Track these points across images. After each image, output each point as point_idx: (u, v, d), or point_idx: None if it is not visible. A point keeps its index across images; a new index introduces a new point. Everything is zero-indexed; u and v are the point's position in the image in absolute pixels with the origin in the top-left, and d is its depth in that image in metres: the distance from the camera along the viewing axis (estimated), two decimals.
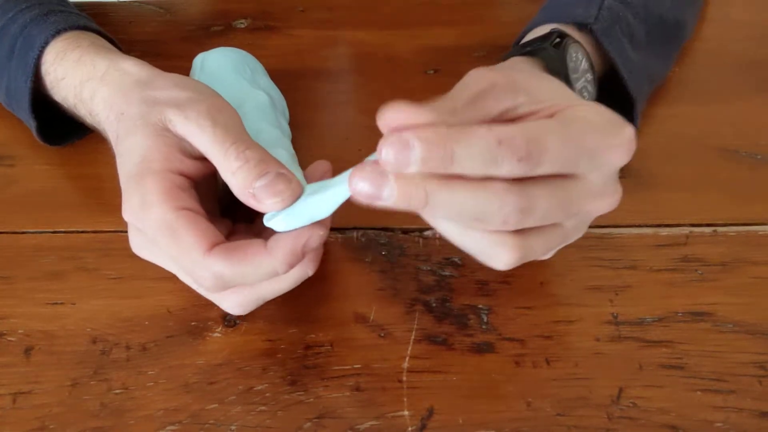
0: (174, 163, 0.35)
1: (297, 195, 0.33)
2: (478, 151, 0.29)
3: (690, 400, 0.35)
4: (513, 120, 0.32)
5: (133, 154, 0.35)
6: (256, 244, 0.33)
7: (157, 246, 0.35)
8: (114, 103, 0.39)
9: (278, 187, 0.33)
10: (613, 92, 0.44)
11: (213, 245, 0.33)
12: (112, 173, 0.45)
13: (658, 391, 0.36)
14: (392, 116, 0.29)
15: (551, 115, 0.32)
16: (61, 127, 0.46)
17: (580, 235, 0.35)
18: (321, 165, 0.38)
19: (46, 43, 0.43)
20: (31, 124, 0.45)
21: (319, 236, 0.33)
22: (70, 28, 0.44)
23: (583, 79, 0.42)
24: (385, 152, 0.28)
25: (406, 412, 0.35)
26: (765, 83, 0.51)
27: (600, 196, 0.33)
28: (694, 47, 0.54)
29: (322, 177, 0.37)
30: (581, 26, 0.44)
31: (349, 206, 0.41)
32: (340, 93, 0.52)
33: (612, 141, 0.32)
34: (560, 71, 0.41)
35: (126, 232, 0.38)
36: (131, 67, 0.40)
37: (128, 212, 0.35)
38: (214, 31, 0.56)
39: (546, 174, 0.30)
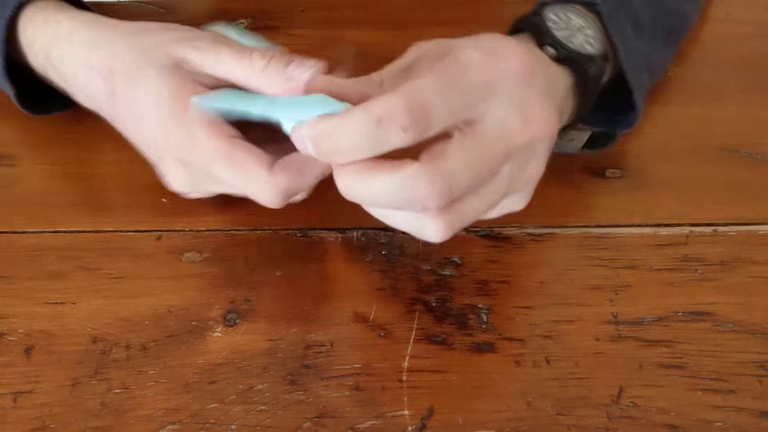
0: (199, 91, 0.36)
1: (322, 68, 0.35)
2: (361, 135, 0.30)
3: (690, 399, 0.35)
4: None
5: (158, 96, 0.35)
6: (302, 155, 0.34)
7: (211, 176, 0.36)
8: (91, 59, 0.38)
9: (309, 63, 0.35)
10: (615, 79, 0.43)
11: (271, 164, 0.35)
12: (113, 173, 0.46)
13: (658, 390, 0.36)
14: (317, 86, 0.33)
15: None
16: (44, 95, 0.46)
17: (526, 174, 0.34)
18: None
19: (19, 7, 0.42)
20: (8, 89, 0.44)
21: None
22: None
23: (580, 35, 0.40)
24: (296, 144, 0.32)
25: (406, 412, 0.35)
26: (765, 83, 0.51)
27: (521, 127, 0.32)
28: (694, 47, 0.54)
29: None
30: (589, 6, 0.43)
31: (349, 206, 0.41)
32: None
33: (498, 66, 0.32)
34: (543, 34, 0.40)
35: (127, 231, 0.38)
36: (97, 22, 0.40)
37: (174, 148, 0.36)
38: None
39: (447, 127, 0.31)
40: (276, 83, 0.35)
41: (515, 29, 0.42)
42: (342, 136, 0.30)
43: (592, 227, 0.43)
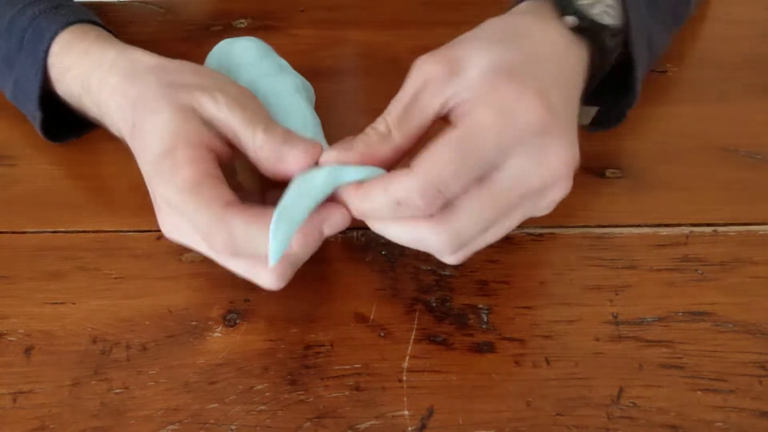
0: (203, 137, 0.36)
1: (318, 153, 0.35)
2: (383, 211, 0.33)
3: (690, 399, 0.35)
4: (448, 113, 0.35)
5: (162, 132, 0.36)
6: (267, 208, 0.34)
7: (185, 218, 0.35)
8: (127, 90, 0.39)
9: (302, 145, 0.35)
10: (618, 59, 0.42)
11: (232, 203, 0.34)
12: (113, 173, 0.46)
13: (658, 390, 0.36)
14: (324, 158, 0.35)
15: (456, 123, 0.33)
16: (62, 124, 0.46)
17: (544, 204, 0.36)
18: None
19: (56, 34, 0.43)
20: (36, 116, 0.45)
21: (340, 218, 0.35)
22: (79, 22, 0.45)
23: (600, 5, 0.40)
24: (328, 228, 0.35)
25: (406, 412, 0.35)
26: (765, 83, 0.51)
27: (536, 172, 0.34)
28: (694, 47, 0.54)
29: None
30: None
31: None
32: (341, 93, 0.52)
33: (513, 125, 0.33)
34: (568, 4, 0.39)
35: (126, 231, 0.38)
36: (141, 56, 0.41)
37: (160, 183, 0.35)
38: (214, 31, 0.56)
39: (462, 191, 0.33)
40: (266, 161, 0.36)
41: None
42: (367, 207, 0.34)
43: (592, 227, 0.43)
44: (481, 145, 0.33)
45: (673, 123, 0.49)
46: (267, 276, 0.36)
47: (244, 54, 0.45)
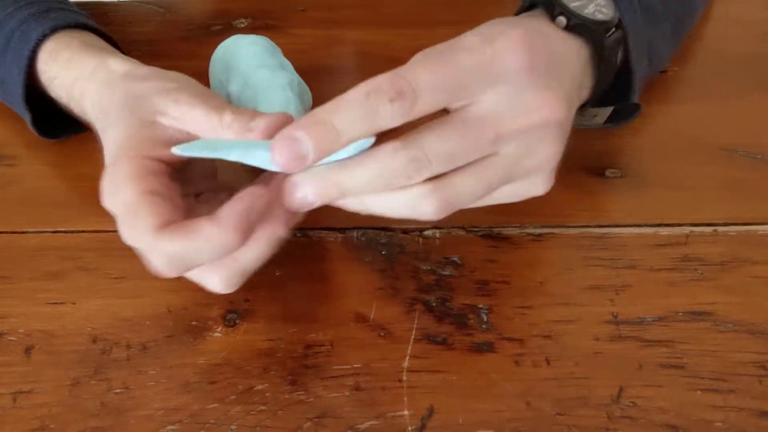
0: (149, 149, 0.35)
1: (288, 122, 0.34)
2: (354, 113, 0.31)
3: (690, 399, 0.35)
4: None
5: (113, 145, 0.36)
6: (204, 219, 0.32)
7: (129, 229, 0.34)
8: (100, 99, 0.39)
9: (273, 116, 0.35)
10: (617, 70, 0.42)
11: (166, 225, 0.32)
12: None
13: (658, 390, 0.36)
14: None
15: None
16: (58, 121, 0.47)
17: (536, 159, 0.35)
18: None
19: (44, 37, 0.44)
20: (26, 116, 0.45)
21: (260, 197, 0.33)
22: (68, 26, 0.45)
23: (592, 5, 0.40)
24: (279, 155, 0.31)
25: (406, 412, 0.35)
26: (765, 82, 0.51)
27: (517, 112, 0.33)
28: (693, 46, 0.54)
29: None
30: None
31: None
32: (341, 93, 0.52)
33: (493, 48, 0.33)
34: (557, 6, 0.39)
35: None
36: (117, 64, 0.41)
37: (104, 196, 0.35)
38: (214, 31, 0.57)
39: (435, 109, 0.32)
40: (238, 136, 0.35)
41: (529, 5, 0.41)
42: (337, 116, 0.31)
43: (592, 227, 0.43)
44: (461, 59, 0.32)
45: (673, 122, 0.49)
46: (214, 281, 0.35)
47: (249, 48, 0.46)
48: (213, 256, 0.33)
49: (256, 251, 0.35)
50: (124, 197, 0.34)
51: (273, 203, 0.33)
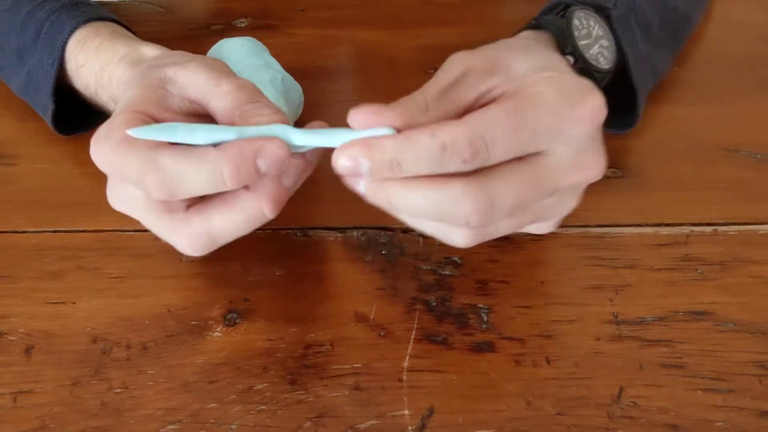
0: (150, 108, 0.35)
1: (281, 123, 0.33)
2: (423, 158, 0.31)
3: (690, 399, 0.35)
4: (488, 104, 0.33)
5: (118, 108, 0.36)
6: (207, 147, 0.32)
7: (118, 176, 0.35)
8: (127, 78, 0.39)
9: (265, 110, 0.33)
10: (618, 82, 0.43)
11: (163, 145, 0.32)
12: None
13: (659, 390, 0.36)
14: (361, 118, 0.31)
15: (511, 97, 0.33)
16: (73, 117, 0.47)
17: (566, 208, 0.36)
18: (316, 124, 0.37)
19: (77, 27, 0.44)
20: (49, 107, 0.45)
21: (275, 149, 0.32)
22: (98, 19, 0.45)
23: (597, 46, 0.41)
24: (341, 165, 0.31)
25: (406, 412, 0.35)
26: (765, 82, 0.51)
27: (575, 169, 0.34)
28: (693, 47, 0.54)
29: None
30: (599, 9, 0.43)
31: (349, 205, 0.41)
32: (341, 92, 0.52)
33: (572, 113, 0.32)
34: (567, 40, 0.40)
35: (126, 231, 0.38)
36: (149, 50, 0.41)
37: (93, 147, 0.34)
38: (215, 30, 0.57)
39: (505, 160, 0.32)
40: (228, 111, 0.34)
41: (536, 25, 0.42)
42: (404, 155, 0.31)
43: (592, 227, 0.43)
44: (538, 115, 0.32)
45: (674, 123, 0.49)
46: (180, 237, 0.34)
47: (233, 49, 0.46)
48: (201, 186, 0.32)
49: (233, 219, 0.33)
50: (121, 133, 0.33)
51: (265, 179, 0.33)
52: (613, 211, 0.43)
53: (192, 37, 0.56)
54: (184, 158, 0.32)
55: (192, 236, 0.34)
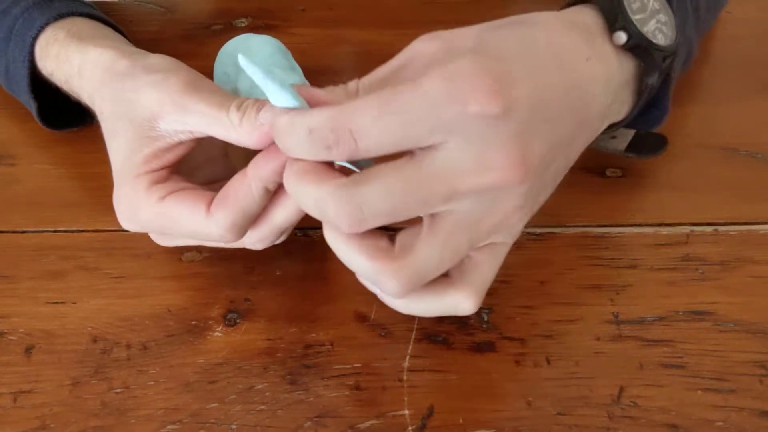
0: (153, 164, 0.36)
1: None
2: (297, 142, 0.30)
3: (690, 399, 0.35)
4: None
5: (115, 160, 0.37)
6: (236, 177, 0.34)
7: (168, 233, 0.37)
8: (95, 100, 0.39)
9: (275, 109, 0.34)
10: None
11: (208, 204, 0.34)
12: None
13: (659, 390, 0.36)
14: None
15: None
16: (64, 112, 0.46)
17: (493, 219, 0.31)
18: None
19: (47, 24, 0.43)
20: (32, 105, 0.45)
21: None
22: (71, 15, 0.44)
23: (654, 21, 0.36)
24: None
25: (406, 411, 0.35)
26: (765, 83, 0.51)
27: (476, 169, 0.29)
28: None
29: None
30: None
31: None
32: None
33: (458, 94, 0.28)
34: (617, 14, 0.34)
35: (126, 231, 0.38)
36: (99, 57, 0.40)
37: (124, 221, 0.37)
38: (215, 30, 0.56)
39: (386, 154, 0.29)
40: (249, 135, 0.34)
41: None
42: (286, 136, 0.31)
43: (592, 227, 0.43)
44: (416, 106, 0.28)
45: (674, 122, 0.48)
46: (249, 239, 0.37)
47: (262, 47, 0.46)
48: (258, 206, 0.34)
49: (289, 210, 0.35)
50: (149, 213, 0.35)
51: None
52: (613, 211, 0.43)
53: (192, 37, 0.56)
54: (235, 203, 0.34)
55: (263, 238, 0.36)
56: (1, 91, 0.50)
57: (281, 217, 0.35)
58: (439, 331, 0.38)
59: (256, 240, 0.36)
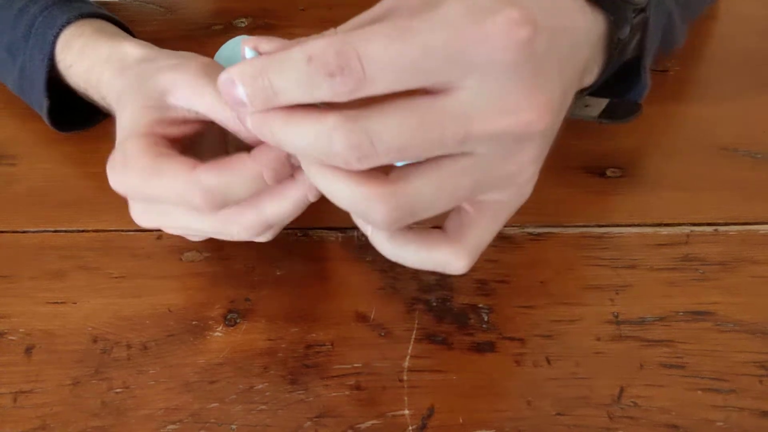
0: (158, 128, 0.35)
1: None
2: (292, 75, 0.26)
3: (691, 399, 0.35)
4: None
5: (123, 126, 0.36)
6: (240, 155, 0.32)
7: (150, 199, 0.35)
8: (115, 84, 0.39)
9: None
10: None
11: (196, 164, 0.33)
12: None
13: (659, 390, 0.36)
14: (251, 44, 0.30)
15: None
16: (71, 114, 0.47)
17: (509, 167, 0.29)
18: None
19: (68, 23, 0.44)
20: (43, 104, 0.45)
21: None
22: (89, 15, 0.45)
23: None
24: (222, 92, 0.28)
25: (406, 412, 0.35)
26: (765, 82, 0.51)
27: (493, 111, 0.27)
28: (694, 45, 0.54)
29: None
30: None
31: None
32: None
33: (479, 30, 0.26)
34: None
35: (127, 231, 0.38)
36: (131, 49, 0.41)
37: (112, 175, 0.35)
38: (215, 30, 0.56)
39: (395, 90, 0.26)
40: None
41: None
42: (274, 73, 0.27)
43: (592, 227, 0.43)
44: (433, 31, 0.26)
45: (674, 122, 0.49)
46: (235, 229, 0.34)
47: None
48: (246, 192, 0.32)
49: (283, 204, 0.34)
50: (139, 164, 0.33)
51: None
52: (613, 211, 0.43)
53: (192, 37, 0.56)
54: (225, 172, 0.32)
55: (248, 226, 0.35)
56: (1, 90, 0.50)
57: (271, 208, 0.34)
58: (439, 331, 0.38)
59: (239, 227, 0.34)
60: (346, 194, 0.29)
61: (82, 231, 0.43)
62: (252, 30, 0.56)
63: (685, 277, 0.40)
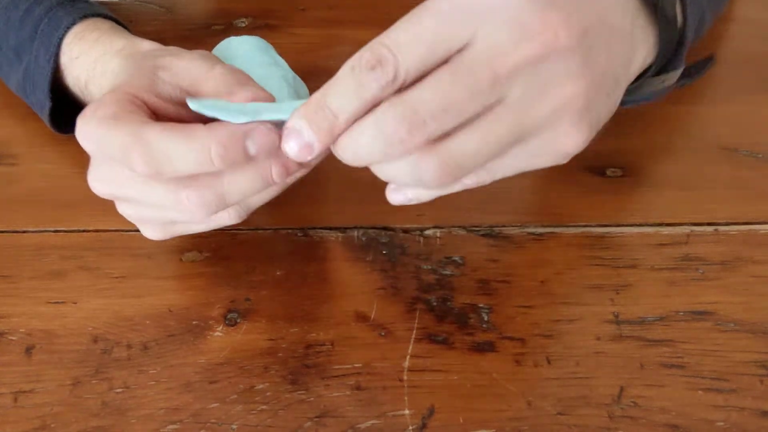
0: (140, 91, 0.35)
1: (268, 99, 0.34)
2: (343, 89, 0.30)
3: (691, 399, 0.35)
4: None
5: (111, 86, 0.36)
6: (197, 125, 0.32)
7: (104, 156, 0.34)
8: (120, 67, 0.40)
9: (257, 94, 0.34)
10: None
11: (150, 121, 0.32)
12: None
13: (659, 390, 0.36)
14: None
15: None
16: (69, 116, 0.46)
17: (550, 100, 0.30)
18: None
19: (73, 24, 0.44)
20: (45, 105, 0.45)
21: (266, 132, 0.31)
22: (95, 15, 0.45)
23: None
24: (289, 149, 0.30)
25: (406, 411, 0.35)
26: (765, 82, 0.51)
27: (512, 46, 0.28)
28: (694, 45, 0.54)
29: None
30: None
31: (349, 205, 0.41)
32: None
33: None
34: None
35: (128, 231, 0.38)
36: (147, 45, 0.41)
37: (79, 125, 0.34)
38: (215, 30, 0.56)
39: (427, 67, 0.29)
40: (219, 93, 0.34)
41: None
42: (330, 96, 0.30)
43: (592, 226, 0.43)
44: (437, 6, 0.29)
45: (674, 122, 0.49)
46: (192, 198, 0.33)
47: (240, 48, 0.46)
48: (190, 165, 0.31)
49: (243, 181, 0.33)
50: (108, 110, 0.33)
51: (276, 147, 0.32)
52: (613, 211, 0.43)
53: (192, 37, 0.56)
54: (173, 135, 0.31)
55: (202, 200, 0.33)
56: (1, 90, 0.50)
57: (228, 181, 0.33)
58: (440, 331, 0.38)
59: (193, 201, 0.33)
60: (398, 166, 0.30)
61: (83, 231, 0.43)
62: (252, 30, 0.56)
63: (685, 276, 0.40)
